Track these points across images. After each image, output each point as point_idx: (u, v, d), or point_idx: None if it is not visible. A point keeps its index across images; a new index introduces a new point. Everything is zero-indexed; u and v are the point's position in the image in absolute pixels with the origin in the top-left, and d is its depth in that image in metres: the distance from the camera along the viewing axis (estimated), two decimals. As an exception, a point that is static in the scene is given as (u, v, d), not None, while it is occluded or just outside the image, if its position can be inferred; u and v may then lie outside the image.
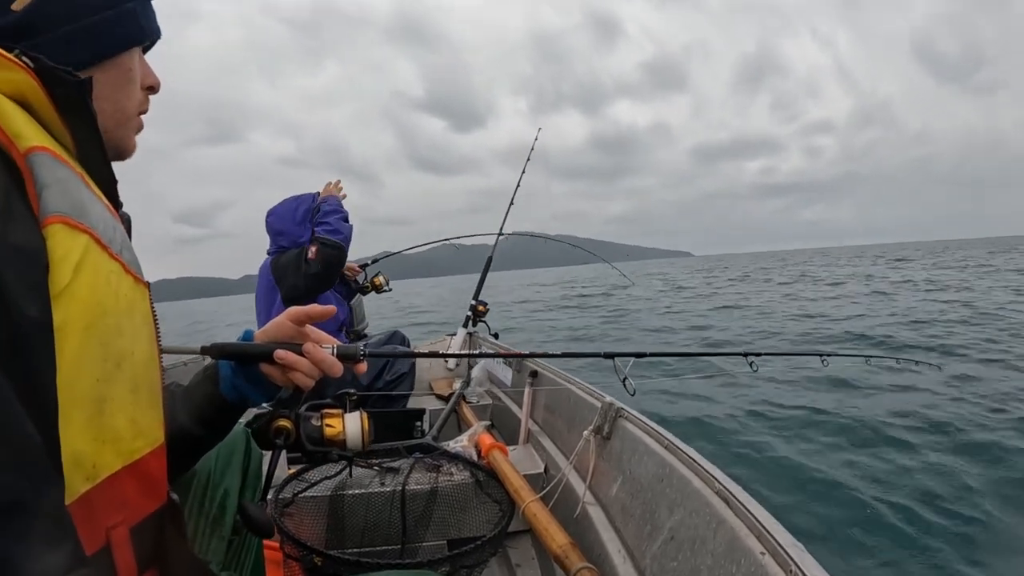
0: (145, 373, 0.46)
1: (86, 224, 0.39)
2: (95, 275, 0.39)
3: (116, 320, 0.41)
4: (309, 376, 0.64)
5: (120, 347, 0.41)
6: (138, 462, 0.44)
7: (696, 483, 0.85)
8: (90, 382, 0.38)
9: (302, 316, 0.66)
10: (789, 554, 0.61)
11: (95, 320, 0.38)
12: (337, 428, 0.74)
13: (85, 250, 0.38)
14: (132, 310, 0.44)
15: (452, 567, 1.04)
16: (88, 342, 0.38)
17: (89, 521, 0.38)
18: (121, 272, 0.44)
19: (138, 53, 0.58)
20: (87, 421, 0.38)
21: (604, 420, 1.21)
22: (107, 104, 0.53)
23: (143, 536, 0.45)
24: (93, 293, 0.38)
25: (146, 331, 0.47)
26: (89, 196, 0.42)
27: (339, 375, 0.66)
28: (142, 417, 0.45)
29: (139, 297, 0.47)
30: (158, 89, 0.61)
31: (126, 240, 0.47)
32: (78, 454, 0.37)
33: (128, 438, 0.43)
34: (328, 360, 0.65)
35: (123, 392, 0.42)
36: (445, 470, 1.37)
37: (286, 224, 2.04)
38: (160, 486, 0.49)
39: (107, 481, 0.40)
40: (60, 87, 0.42)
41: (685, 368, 3.94)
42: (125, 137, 0.58)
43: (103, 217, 0.43)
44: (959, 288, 12.33)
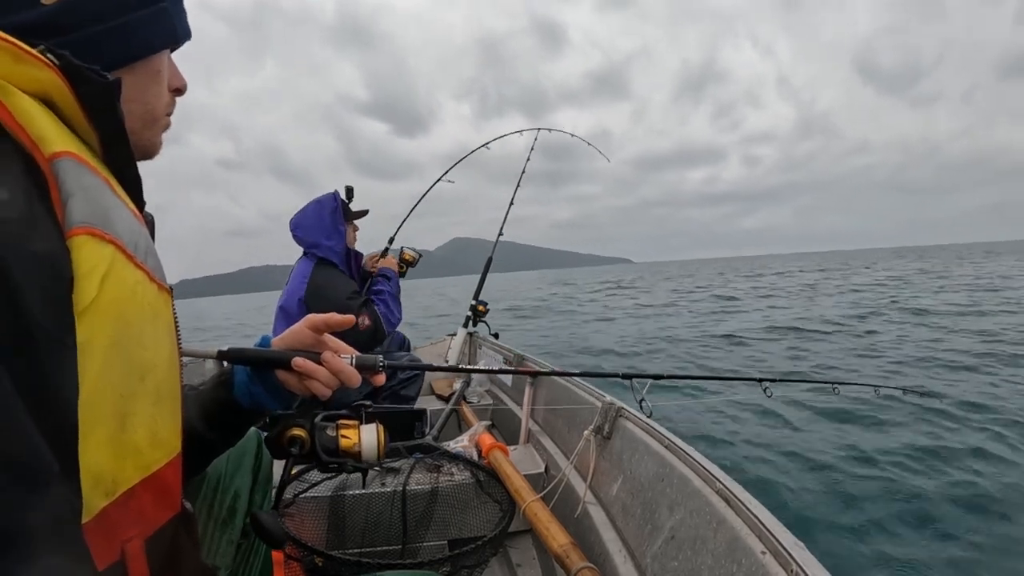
0: (167, 383, 0.45)
1: (112, 234, 0.38)
2: (121, 288, 0.38)
3: (140, 332, 0.40)
4: (327, 385, 0.63)
5: (144, 359, 0.41)
6: (156, 474, 0.43)
7: (696, 483, 0.85)
8: (114, 398, 0.37)
9: (320, 325, 0.65)
10: (790, 553, 0.61)
11: (120, 335, 0.37)
12: (353, 439, 0.73)
13: (111, 262, 0.37)
14: (156, 319, 0.44)
15: (453, 567, 1.04)
16: (113, 358, 0.37)
17: (105, 536, 0.37)
18: (146, 281, 0.42)
19: (167, 54, 0.57)
20: (109, 438, 0.37)
21: (604, 420, 1.21)
22: (136, 106, 0.53)
23: (157, 546, 0.45)
24: (119, 307, 0.37)
25: (168, 339, 0.47)
26: (115, 203, 0.41)
27: (357, 385, 0.65)
28: (162, 428, 0.44)
29: (163, 304, 0.46)
30: (185, 91, 0.60)
31: (150, 245, 0.46)
32: (98, 471, 0.36)
33: (147, 451, 0.42)
34: (347, 370, 0.64)
35: (146, 405, 0.41)
36: (446, 470, 1.37)
37: (317, 236, 2.02)
38: (175, 496, 0.49)
39: (124, 495, 0.39)
40: (87, 87, 0.40)
41: (700, 390, 3.88)
42: (152, 138, 0.57)
43: (129, 224, 0.41)
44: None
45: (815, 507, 2.50)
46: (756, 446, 3.31)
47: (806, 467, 2.93)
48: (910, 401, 3.70)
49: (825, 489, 2.66)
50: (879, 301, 11.83)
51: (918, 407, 3.72)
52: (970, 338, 6.66)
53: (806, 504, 2.53)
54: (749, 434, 3.55)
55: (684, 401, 3.55)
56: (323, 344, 0.65)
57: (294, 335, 0.65)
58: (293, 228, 2.07)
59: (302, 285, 2.01)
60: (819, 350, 6.66)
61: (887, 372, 5.15)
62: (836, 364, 5.75)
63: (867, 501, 2.50)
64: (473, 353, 2.89)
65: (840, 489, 2.64)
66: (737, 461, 3.06)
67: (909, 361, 5.59)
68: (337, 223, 2.05)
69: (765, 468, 2.97)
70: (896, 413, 3.70)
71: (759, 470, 2.93)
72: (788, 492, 2.63)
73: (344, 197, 2.11)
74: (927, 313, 9.30)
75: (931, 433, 3.34)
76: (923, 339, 6.87)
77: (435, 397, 2.53)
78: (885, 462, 2.92)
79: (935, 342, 6.56)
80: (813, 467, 2.92)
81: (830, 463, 2.93)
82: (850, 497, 2.56)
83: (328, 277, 2.01)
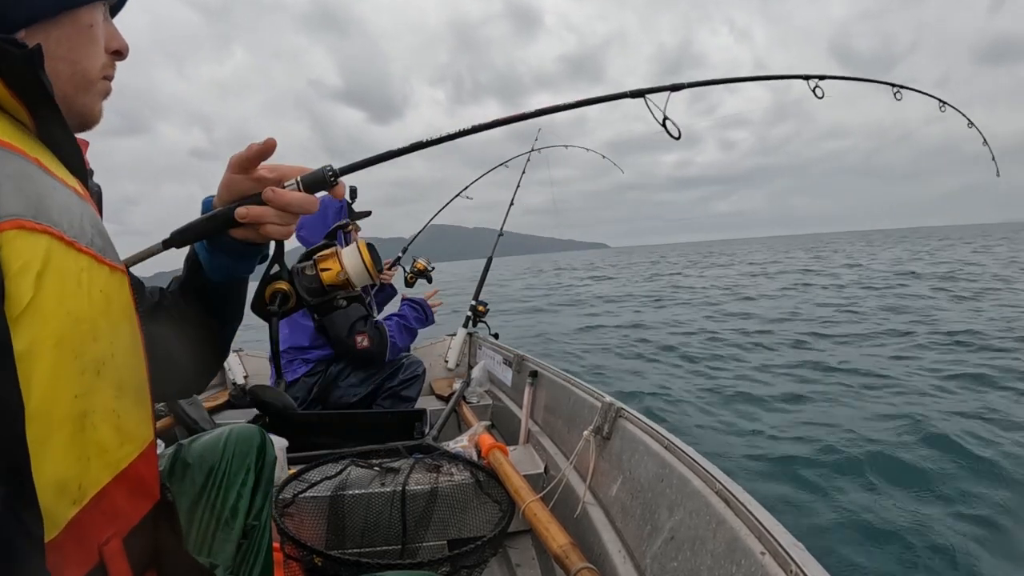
0: (129, 371, 0.43)
1: (46, 223, 0.34)
2: (62, 281, 0.35)
3: (91, 324, 0.37)
4: (283, 224, 0.57)
5: (98, 352, 0.38)
6: (127, 469, 0.41)
7: (696, 483, 0.85)
8: (68, 400, 0.34)
9: (244, 162, 0.56)
10: (789, 554, 0.61)
11: (66, 332, 0.34)
12: (335, 268, 0.65)
13: (47, 254, 0.33)
14: (109, 306, 0.41)
15: (452, 567, 1.04)
16: (61, 359, 0.34)
17: (80, 544, 0.36)
18: (93, 265, 0.39)
19: (102, 10, 0.51)
20: (69, 442, 0.34)
21: (604, 420, 1.21)
22: (63, 65, 0.47)
23: (137, 541, 0.43)
24: (61, 303, 0.34)
25: (126, 324, 0.44)
26: (50, 185, 0.37)
27: (316, 209, 0.58)
28: (128, 420, 0.42)
29: (116, 287, 0.43)
30: (126, 54, 0.55)
31: (97, 224, 0.42)
32: (61, 480, 0.33)
33: (114, 447, 0.40)
34: (295, 199, 0.56)
35: (106, 400, 0.39)
36: (445, 470, 1.37)
37: (320, 236, 2.01)
38: (151, 486, 0.47)
39: (95, 498, 0.37)
40: (4, 59, 0.36)
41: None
42: (89, 104, 0.51)
43: (68, 206, 0.38)
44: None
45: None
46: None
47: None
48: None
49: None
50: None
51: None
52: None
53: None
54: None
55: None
56: (260, 181, 0.57)
57: (227, 187, 0.58)
58: (298, 228, 2.05)
59: None
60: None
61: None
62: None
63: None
64: (473, 353, 2.89)
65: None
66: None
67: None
68: (337, 220, 2.05)
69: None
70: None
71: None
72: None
73: (348, 197, 2.11)
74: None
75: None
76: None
77: (435, 397, 2.53)
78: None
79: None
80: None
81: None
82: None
83: None
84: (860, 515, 2.32)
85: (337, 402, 2.04)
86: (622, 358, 5.57)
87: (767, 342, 5.95)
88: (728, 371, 4.80)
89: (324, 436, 1.78)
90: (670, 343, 6.19)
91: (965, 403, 3.55)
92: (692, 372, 4.91)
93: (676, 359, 5.45)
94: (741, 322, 7.47)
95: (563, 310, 11.06)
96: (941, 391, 3.85)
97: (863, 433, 3.14)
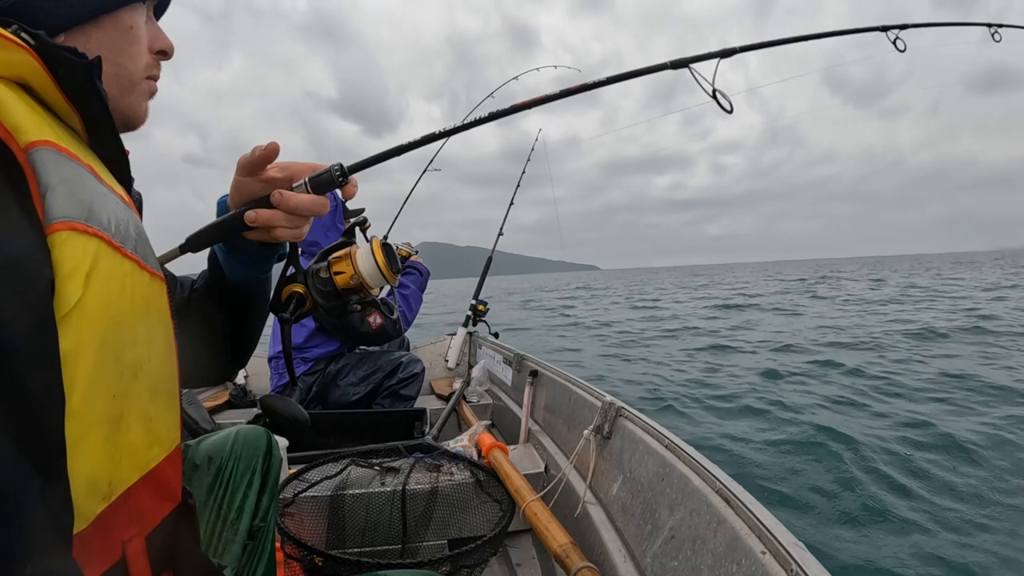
0: (163, 376, 0.44)
1: (96, 226, 0.35)
2: (108, 284, 0.36)
3: (132, 329, 0.38)
4: (293, 227, 0.57)
5: (137, 356, 0.39)
6: (154, 470, 0.42)
7: (696, 482, 0.85)
8: (106, 401, 0.35)
9: (251, 166, 0.56)
10: (790, 553, 0.61)
11: (109, 335, 0.35)
12: (348, 271, 0.63)
13: (96, 257, 0.34)
14: (148, 311, 0.42)
15: (453, 567, 1.04)
16: (103, 360, 0.34)
17: (105, 539, 0.37)
18: (136, 271, 0.40)
19: (144, 12, 0.52)
20: (103, 441, 0.35)
21: (604, 419, 1.21)
22: (107, 67, 0.47)
23: (157, 541, 0.44)
24: (107, 306, 0.35)
25: (162, 331, 0.45)
26: (100, 191, 0.38)
27: (326, 212, 0.57)
28: (159, 424, 0.43)
29: (155, 294, 0.44)
30: (171, 54, 0.55)
31: (140, 231, 0.43)
32: (93, 477, 0.34)
33: (144, 448, 0.41)
34: (303, 202, 0.55)
35: (140, 403, 0.39)
36: (445, 470, 1.37)
37: (315, 234, 2.01)
38: (174, 488, 0.48)
39: (123, 496, 0.38)
40: (65, 68, 0.37)
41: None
42: (133, 105, 0.52)
43: (116, 212, 0.39)
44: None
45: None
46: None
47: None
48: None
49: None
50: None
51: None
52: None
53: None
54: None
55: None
56: (271, 183, 0.57)
57: (237, 189, 0.58)
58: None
59: None
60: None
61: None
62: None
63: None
64: (473, 353, 2.89)
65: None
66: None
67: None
68: (336, 221, 2.06)
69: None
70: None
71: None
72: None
73: (342, 198, 2.12)
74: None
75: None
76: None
77: (435, 397, 2.53)
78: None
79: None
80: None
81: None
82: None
83: None
84: (860, 515, 2.32)
85: (337, 401, 2.04)
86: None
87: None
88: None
89: (324, 436, 1.78)
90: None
91: (968, 404, 3.56)
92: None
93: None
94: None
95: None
96: (944, 392, 3.85)
97: (864, 432, 3.15)
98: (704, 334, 8.56)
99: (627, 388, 4.82)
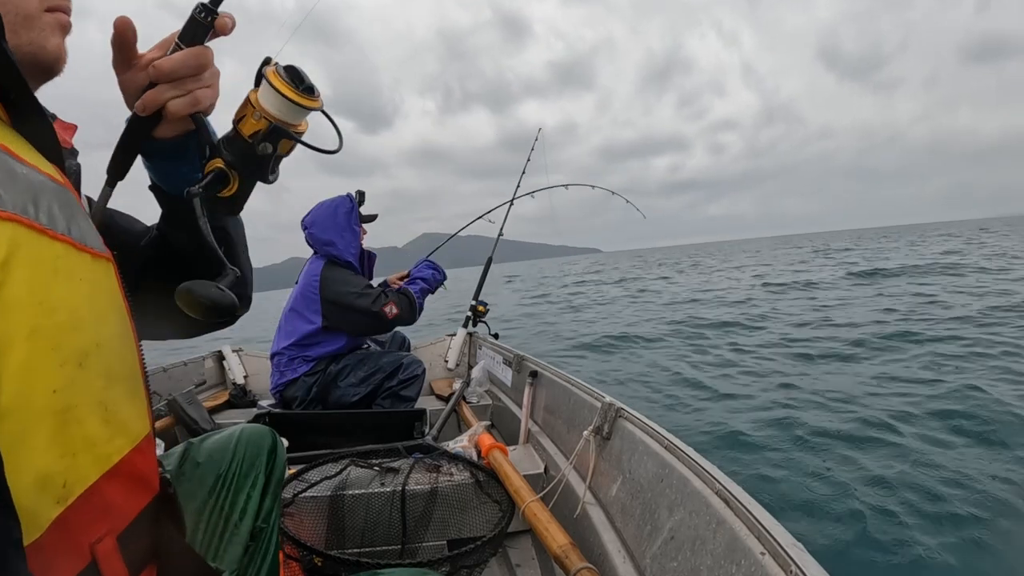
0: (118, 361, 0.41)
1: (11, 210, 0.32)
2: (33, 268, 0.33)
3: (71, 314, 0.35)
4: (183, 93, 0.50)
5: (80, 343, 0.36)
6: (119, 464, 0.40)
7: (696, 483, 0.85)
8: (46, 395, 0.33)
9: (118, 58, 0.51)
10: (789, 554, 0.61)
11: (41, 323, 0.32)
12: (248, 113, 0.54)
13: (13, 242, 0.31)
14: (93, 294, 0.39)
15: (452, 567, 1.04)
16: (36, 351, 0.32)
17: (67, 544, 0.34)
18: (71, 253, 0.37)
19: None
20: (50, 439, 0.33)
21: (604, 420, 1.21)
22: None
23: (134, 538, 0.41)
24: (32, 293, 0.32)
25: (114, 313, 0.42)
26: (17, 172, 0.35)
27: (205, 60, 0.51)
28: (119, 413, 0.40)
29: (101, 274, 0.41)
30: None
31: (74, 209, 0.40)
32: (43, 477, 0.32)
33: (104, 441, 0.38)
34: (176, 60, 0.49)
35: (92, 392, 0.37)
36: (445, 470, 1.37)
37: (332, 234, 2.05)
38: (149, 480, 0.45)
39: (84, 495, 0.35)
40: None
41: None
42: (37, 40, 0.45)
43: (38, 191, 0.36)
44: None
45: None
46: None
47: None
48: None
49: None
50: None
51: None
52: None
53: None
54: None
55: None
56: (138, 63, 0.51)
57: (125, 90, 0.53)
58: (308, 226, 2.09)
59: (313, 283, 2.03)
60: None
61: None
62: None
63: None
64: (473, 353, 2.89)
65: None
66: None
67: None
68: (352, 223, 2.08)
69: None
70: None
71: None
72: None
73: (356, 200, 2.15)
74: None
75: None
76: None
77: (435, 397, 2.53)
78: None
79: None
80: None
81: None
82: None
83: (340, 274, 2.05)
84: (861, 513, 2.32)
85: (337, 402, 2.04)
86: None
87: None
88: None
89: (324, 436, 1.78)
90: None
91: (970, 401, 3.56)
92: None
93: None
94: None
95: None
96: (945, 383, 3.85)
97: (864, 432, 3.15)
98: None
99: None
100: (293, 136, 0.54)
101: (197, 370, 2.45)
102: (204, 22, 0.50)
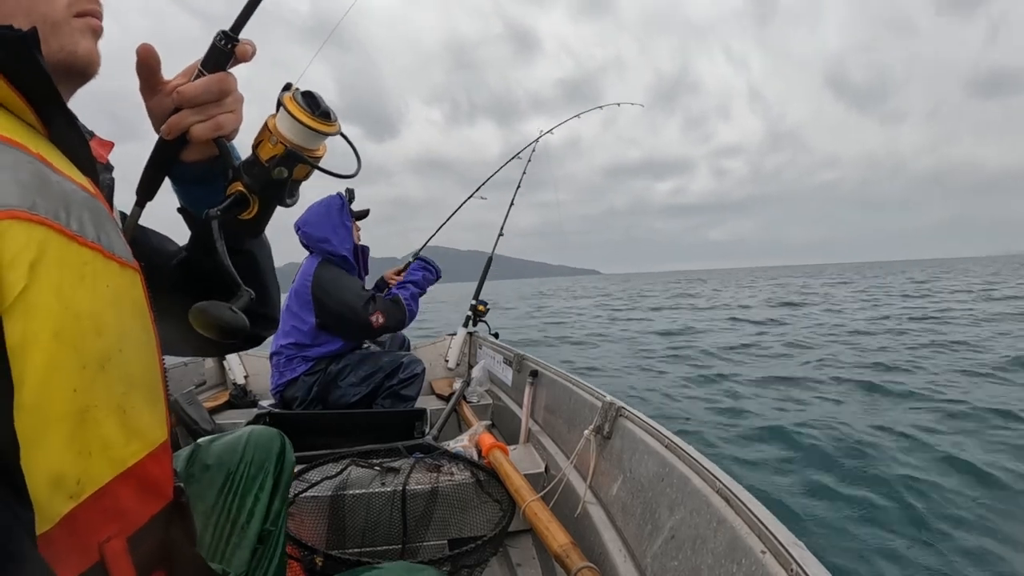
0: (140, 367, 0.42)
1: (43, 214, 0.33)
2: (60, 272, 0.34)
3: (95, 320, 0.36)
4: (205, 118, 0.52)
5: (102, 348, 0.37)
6: (133, 468, 0.40)
7: (697, 482, 0.85)
8: (66, 395, 0.34)
9: (144, 84, 0.52)
10: (790, 552, 0.61)
11: (66, 326, 0.34)
12: (266, 138, 0.54)
13: (43, 245, 0.33)
14: (117, 301, 0.40)
15: (453, 567, 1.04)
16: (59, 352, 0.33)
17: (76, 540, 0.35)
18: (98, 260, 0.38)
19: None
20: (67, 437, 0.34)
21: (604, 419, 1.21)
22: (19, 18, 0.42)
23: (144, 542, 0.42)
24: (59, 296, 0.33)
25: (137, 321, 0.43)
26: (49, 177, 0.36)
27: (228, 86, 0.52)
28: (136, 418, 0.41)
29: (127, 283, 0.42)
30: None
31: (104, 219, 0.41)
32: (57, 474, 0.33)
33: (119, 444, 0.39)
34: (198, 87, 0.51)
35: (111, 395, 0.38)
36: (446, 470, 1.37)
37: (326, 231, 2.05)
38: (163, 487, 0.46)
39: (95, 495, 0.36)
40: (2, 49, 0.34)
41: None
42: (68, 47, 0.45)
43: (70, 199, 0.37)
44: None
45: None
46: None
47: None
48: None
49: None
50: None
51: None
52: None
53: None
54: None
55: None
56: (165, 88, 0.53)
57: (152, 115, 0.54)
58: (301, 226, 2.09)
59: (307, 283, 2.03)
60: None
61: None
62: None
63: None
64: (473, 353, 2.89)
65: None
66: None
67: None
68: (344, 219, 2.08)
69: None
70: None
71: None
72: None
73: (346, 197, 2.15)
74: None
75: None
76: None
77: (435, 397, 2.53)
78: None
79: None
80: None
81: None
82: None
83: (333, 274, 2.05)
84: (860, 514, 2.32)
85: (337, 401, 2.04)
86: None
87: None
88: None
89: (324, 436, 1.78)
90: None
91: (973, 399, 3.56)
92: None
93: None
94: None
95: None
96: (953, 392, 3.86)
97: (864, 433, 3.15)
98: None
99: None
100: (308, 161, 0.55)
101: (197, 370, 2.45)
102: (225, 49, 0.51)
